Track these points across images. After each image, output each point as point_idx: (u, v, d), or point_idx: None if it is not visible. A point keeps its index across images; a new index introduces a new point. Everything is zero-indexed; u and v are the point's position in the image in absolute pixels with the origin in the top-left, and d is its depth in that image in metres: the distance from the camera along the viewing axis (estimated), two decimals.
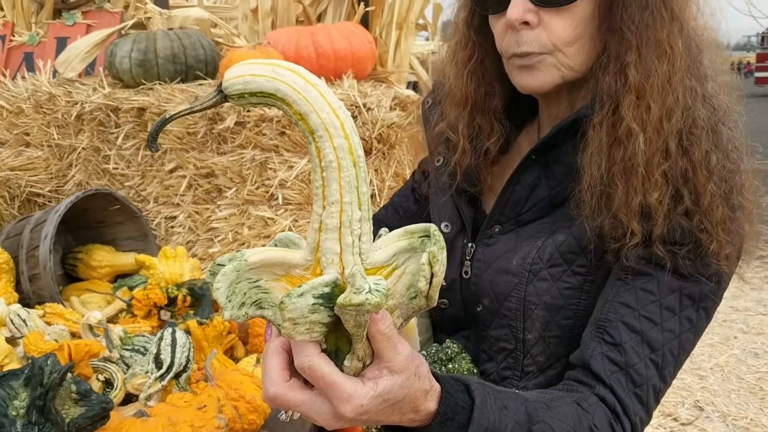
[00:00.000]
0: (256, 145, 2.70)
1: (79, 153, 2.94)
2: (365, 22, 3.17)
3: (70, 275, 2.81)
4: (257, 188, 2.74)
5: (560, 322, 1.05)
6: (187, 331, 2.04)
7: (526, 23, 1.02)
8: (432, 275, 0.73)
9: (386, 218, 1.37)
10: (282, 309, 0.69)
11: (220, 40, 3.29)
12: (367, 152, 2.66)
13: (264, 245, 2.76)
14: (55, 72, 3.13)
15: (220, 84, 0.72)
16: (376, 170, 2.69)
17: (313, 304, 0.69)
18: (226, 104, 2.53)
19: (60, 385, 1.41)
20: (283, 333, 0.72)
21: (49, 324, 2.06)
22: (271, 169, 2.70)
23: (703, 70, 1.05)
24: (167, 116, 0.74)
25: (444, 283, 0.89)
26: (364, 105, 2.53)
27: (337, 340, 0.74)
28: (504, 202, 1.13)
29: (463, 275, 1.15)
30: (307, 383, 0.75)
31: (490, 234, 1.14)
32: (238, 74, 0.70)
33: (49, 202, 3.03)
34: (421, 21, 3.57)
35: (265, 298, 0.75)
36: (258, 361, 2.09)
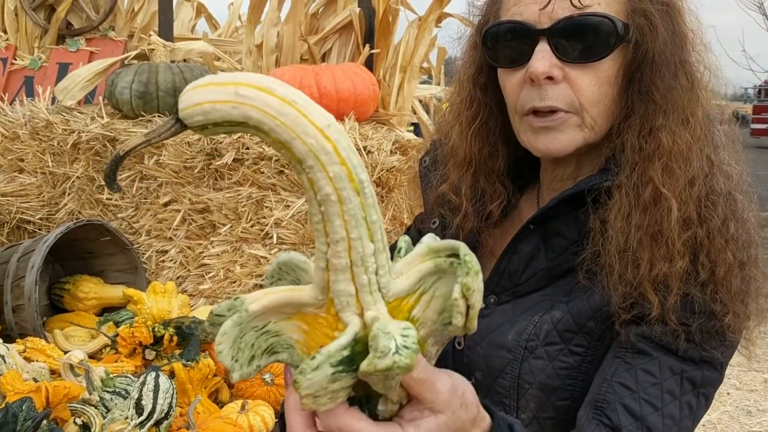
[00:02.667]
0: (253, 182, 2.67)
1: (73, 182, 2.91)
2: (369, 63, 3.17)
3: (56, 305, 2.75)
4: (252, 226, 2.70)
5: (555, 403, 1.01)
6: (172, 373, 1.98)
7: (550, 78, 0.97)
8: (468, 308, 0.63)
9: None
10: (297, 387, 0.59)
11: None
12: None
13: (256, 284, 2.72)
14: (54, 98, 3.11)
15: (177, 111, 0.58)
16: None
17: (333, 373, 0.59)
18: (226, 140, 2.47)
19: None
20: (303, 408, 0.62)
21: (29, 360, 2.00)
22: (267, 207, 2.67)
23: (717, 139, 1.03)
24: (120, 153, 0.61)
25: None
26: (365, 148, 2.51)
27: (366, 385, 0.63)
28: (500, 273, 1.09)
29: (456, 346, 1.10)
30: None
31: (486, 304, 1.10)
32: (195, 102, 0.56)
33: (39, 229, 2.98)
34: (425, 64, 3.58)
35: (277, 341, 0.65)
36: (243, 407, 2.03)
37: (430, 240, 0.67)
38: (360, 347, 0.60)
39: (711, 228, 0.96)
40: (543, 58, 0.96)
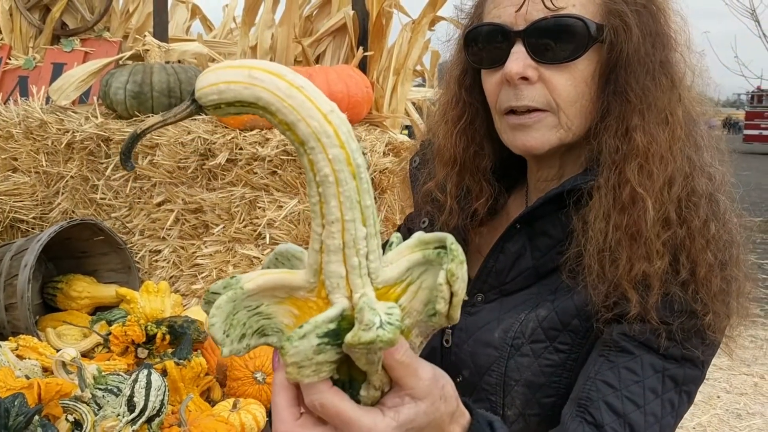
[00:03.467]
0: (246, 183, 2.68)
1: (67, 181, 2.91)
2: (363, 66, 3.19)
3: (49, 305, 2.76)
4: (245, 226, 2.71)
5: (541, 400, 1.02)
6: (164, 371, 1.99)
7: (525, 78, 0.99)
8: (452, 294, 0.65)
9: None
10: (283, 354, 0.62)
11: None
12: None
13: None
14: (48, 98, 3.11)
15: (193, 93, 0.62)
16: None
17: (318, 344, 0.61)
18: (219, 140, 2.48)
19: (26, 428, 1.36)
20: (288, 378, 0.64)
21: (21, 358, 2.01)
22: (260, 208, 2.68)
23: (699, 140, 1.04)
24: (138, 131, 0.65)
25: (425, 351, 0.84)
26: None
27: (350, 369, 0.66)
28: (487, 271, 1.10)
29: (444, 344, 1.12)
30: (320, 418, 0.68)
31: (473, 303, 1.11)
32: (211, 82, 0.60)
33: (32, 228, 2.98)
34: (418, 67, 3.60)
35: (268, 324, 0.67)
36: (234, 406, 2.04)
37: (420, 233, 0.69)
38: (346, 324, 0.62)
39: (692, 228, 0.97)
40: (517, 59, 0.98)
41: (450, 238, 0.65)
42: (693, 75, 1.05)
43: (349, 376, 0.66)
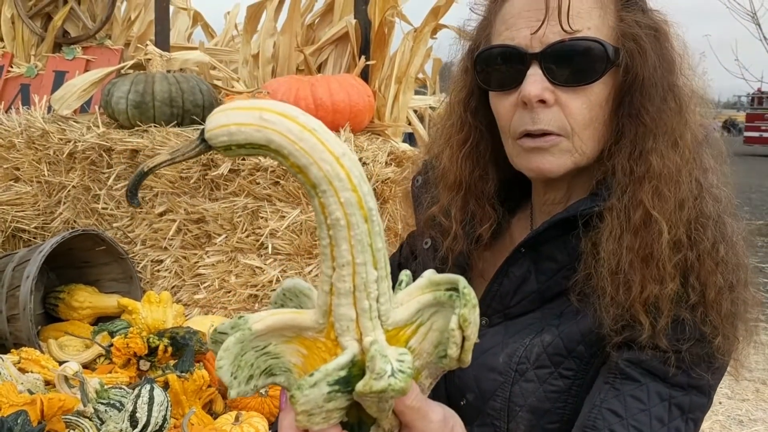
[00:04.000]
0: (249, 193, 2.68)
1: (69, 191, 2.91)
2: (365, 74, 3.19)
3: (51, 314, 2.75)
4: (247, 236, 2.71)
5: (546, 426, 1.02)
6: (166, 384, 1.99)
7: (542, 102, 0.98)
8: (464, 339, 0.65)
9: None
10: (294, 402, 0.61)
11: (219, 83, 3.30)
12: None
13: (251, 294, 2.73)
14: (50, 107, 3.11)
15: (203, 132, 0.61)
16: None
17: (329, 392, 0.61)
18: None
19: None
20: (297, 425, 0.64)
21: (23, 371, 2.00)
22: (262, 218, 2.68)
23: (705, 162, 1.04)
24: (145, 169, 0.65)
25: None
26: (360, 159, 2.52)
27: (359, 412, 0.66)
28: (492, 295, 1.10)
29: None
30: None
31: None
32: (221, 123, 0.60)
33: (34, 238, 2.98)
34: (420, 75, 3.60)
35: (276, 363, 0.67)
36: (236, 419, 2.04)
37: (430, 273, 0.68)
38: (356, 371, 0.62)
39: (701, 251, 0.97)
40: (535, 82, 0.97)
41: (462, 282, 0.65)
42: (697, 98, 1.05)
43: (358, 419, 0.66)
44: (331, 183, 0.60)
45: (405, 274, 0.72)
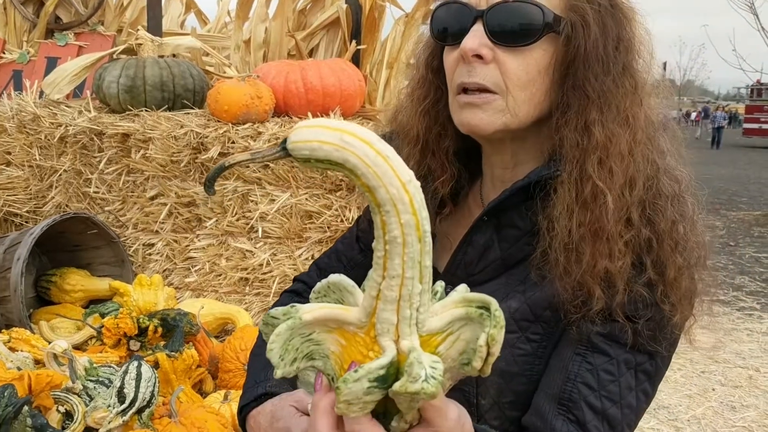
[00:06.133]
0: (239, 176, 2.69)
1: (60, 175, 2.92)
2: (356, 59, 3.19)
3: (43, 298, 2.77)
4: (237, 220, 2.72)
5: (514, 388, 1.05)
6: (156, 364, 2.00)
7: (479, 57, 1.02)
8: (488, 355, 0.73)
9: (329, 267, 1.33)
10: (338, 393, 0.70)
11: (211, 69, 3.30)
12: (350, 189, 2.66)
13: (241, 277, 2.74)
14: (42, 92, 3.12)
15: (285, 141, 0.69)
16: (358, 207, 2.68)
17: (368, 387, 0.70)
18: (212, 134, 2.49)
19: (15, 418, 1.37)
20: (337, 411, 0.73)
21: (13, 350, 2.02)
22: (252, 201, 2.69)
23: (663, 146, 1.07)
24: (226, 163, 0.72)
25: None
26: None
27: (386, 402, 0.74)
28: (456, 264, 1.12)
29: None
30: None
31: (443, 296, 1.13)
32: (306, 139, 0.67)
33: (26, 222, 2.99)
34: (412, 60, 3.60)
35: (317, 349, 0.75)
36: (225, 397, 2.05)
37: (464, 290, 0.79)
38: (393, 370, 0.71)
39: (659, 230, 1.01)
40: (474, 37, 1.02)
41: (494, 304, 0.73)
42: (654, 83, 1.08)
43: (384, 408, 0.75)
44: (395, 205, 0.67)
45: (440, 285, 0.81)
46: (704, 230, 1.05)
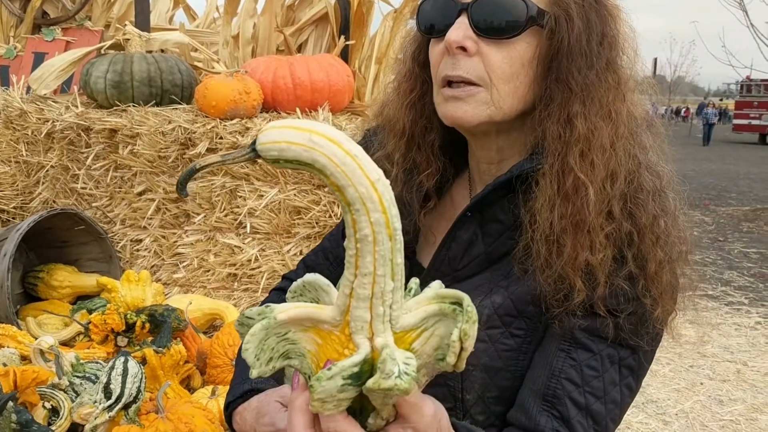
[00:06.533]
0: (227, 172, 2.68)
1: (47, 171, 2.91)
2: (345, 55, 3.19)
3: (30, 294, 2.76)
4: (225, 215, 2.72)
5: (499, 383, 1.05)
6: (143, 360, 2.00)
7: (463, 49, 1.03)
8: (461, 350, 0.74)
9: (316, 264, 1.33)
10: (312, 391, 0.70)
11: (200, 64, 3.29)
12: None
13: (229, 273, 2.74)
14: (29, 88, 3.10)
15: (254, 143, 0.70)
16: None
17: (342, 384, 0.70)
18: (200, 130, 2.48)
19: (0, 414, 1.37)
20: (312, 409, 0.73)
21: (0, 346, 2.01)
22: (240, 197, 2.68)
23: (645, 141, 1.09)
24: (197, 166, 0.73)
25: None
26: None
27: (362, 400, 0.75)
28: (441, 260, 1.13)
29: None
30: None
31: None
32: (274, 140, 0.68)
33: (13, 218, 2.98)
34: (399, 55, 3.60)
35: (293, 348, 0.76)
36: (213, 392, 2.05)
37: (438, 286, 0.80)
38: (367, 367, 0.72)
39: (640, 224, 1.01)
40: (459, 29, 1.02)
41: (467, 299, 0.74)
42: (638, 79, 1.09)
43: (361, 405, 0.76)
44: (364, 204, 0.68)
45: (414, 282, 0.82)
46: (686, 225, 1.06)
